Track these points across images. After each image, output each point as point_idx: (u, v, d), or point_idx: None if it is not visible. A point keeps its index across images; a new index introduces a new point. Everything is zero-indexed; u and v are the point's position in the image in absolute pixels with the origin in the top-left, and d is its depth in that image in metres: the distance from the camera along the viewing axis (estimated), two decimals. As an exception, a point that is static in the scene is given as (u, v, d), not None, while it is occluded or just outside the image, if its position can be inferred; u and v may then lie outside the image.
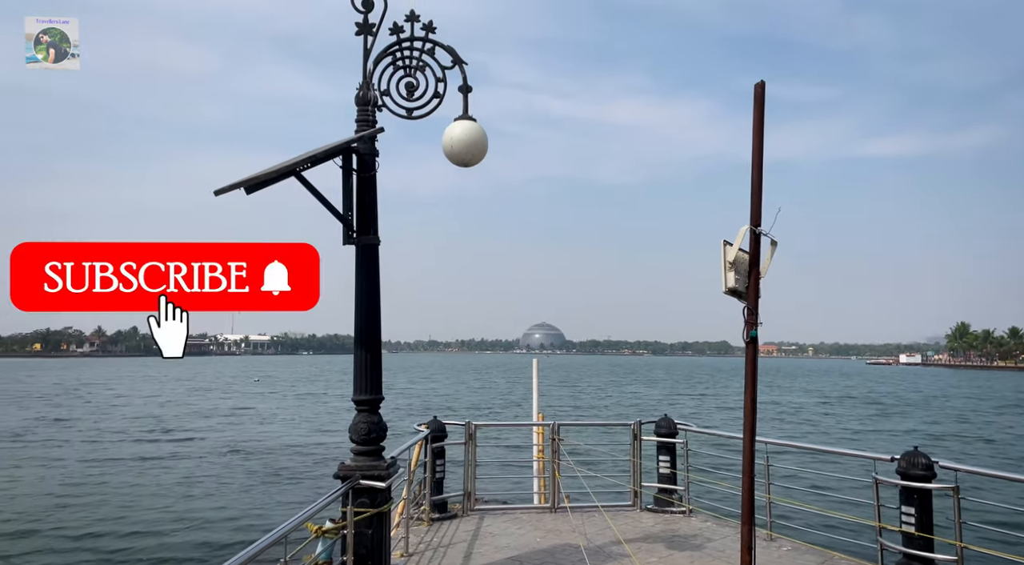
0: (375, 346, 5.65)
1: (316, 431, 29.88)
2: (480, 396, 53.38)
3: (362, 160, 5.52)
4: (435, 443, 8.25)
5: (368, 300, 5.59)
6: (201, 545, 12.23)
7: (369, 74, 5.45)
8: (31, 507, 14.89)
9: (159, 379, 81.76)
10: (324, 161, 5.31)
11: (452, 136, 5.44)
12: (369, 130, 5.43)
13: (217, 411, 39.97)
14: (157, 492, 16.34)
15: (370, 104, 5.48)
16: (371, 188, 5.62)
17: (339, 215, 5.52)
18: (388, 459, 5.54)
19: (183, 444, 24.87)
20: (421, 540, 7.16)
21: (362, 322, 5.57)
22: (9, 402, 46.53)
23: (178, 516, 14.01)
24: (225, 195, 4.77)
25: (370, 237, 5.59)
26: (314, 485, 17.73)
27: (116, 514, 14.13)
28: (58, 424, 32.22)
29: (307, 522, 4.60)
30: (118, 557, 11.37)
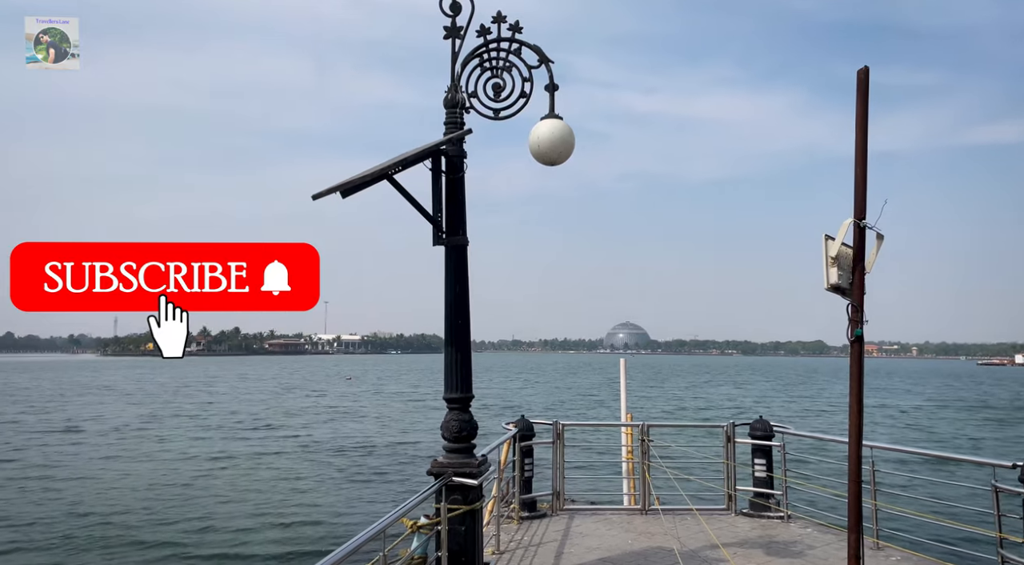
0: (465, 345, 5.72)
1: (403, 429, 30.60)
2: (564, 396, 53.23)
3: (451, 162, 5.61)
4: (523, 442, 8.27)
5: (458, 300, 5.67)
6: (297, 540, 12.71)
7: (457, 77, 5.52)
8: (139, 501, 15.78)
9: (256, 377, 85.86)
10: (415, 164, 5.43)
11: (539, 135, 5.44)
12: (458, 132, 5.50)
13: (311, 409, 41.59)
14: (255, 488, 17.02)
15: (458, 106, 5.55)
16: (460, 189, 5.69)
17: (429, 216, 5.63)
18: (479, 457, 5.60)
19: (280, 442, 25.91)
20: (511, 538, 7.19)
21: (452, 322, 5.65)
22: (121, 398, 50.05)
23: (276, 512, 14.57)
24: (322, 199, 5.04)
25: (459, 238, 5.66)
26: (402, 482, 18.17)
27: (217, 510, 14.80)
28: (165, 420, 34.32)
29: (403, 518, 4.71)
30: (221, 551, 11.88)
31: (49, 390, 59.49)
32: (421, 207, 5.55)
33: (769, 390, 64.39)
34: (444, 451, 5.55)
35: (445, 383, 5.66)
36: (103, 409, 40.80)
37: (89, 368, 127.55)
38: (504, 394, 51.97)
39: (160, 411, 39.32)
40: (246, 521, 13.85)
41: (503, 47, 5.50)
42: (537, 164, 5.63)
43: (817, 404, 47.12)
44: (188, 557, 11.62)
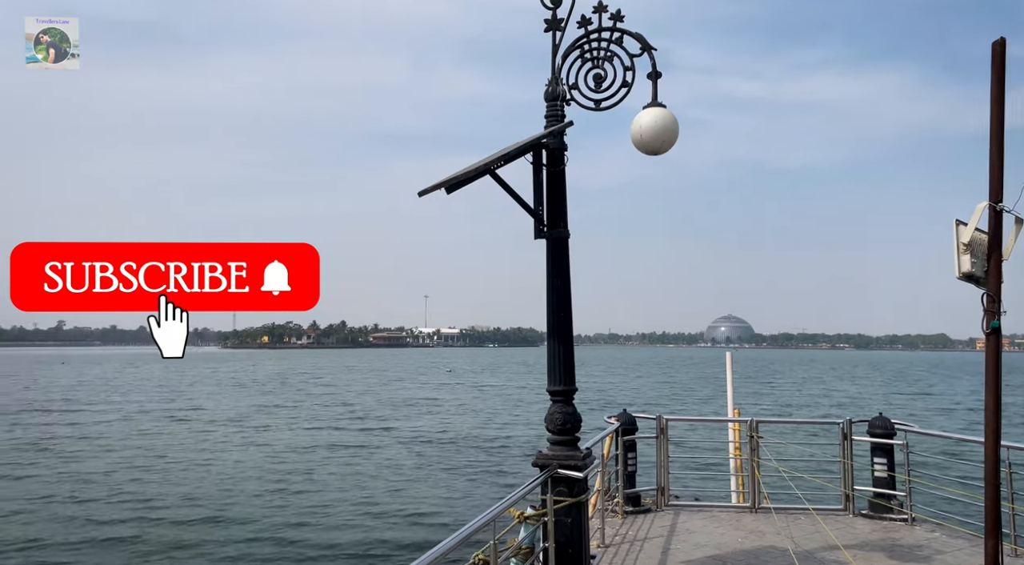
0: (567, 338, 5.72)
1: (500, 422, 30.94)
2: (663, 391, 52.27)
3: (552, 155, 5.61)
4: (626, 436, 8.20)
5: (560, 293, 5.67)
6: (399, 529, 12.98)
7: (557, 69, 5.52)
8: (247, 491, 16.35)
9: (361, 369, 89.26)
10: (516, 158, 5.47)
11: (642, 124, 5.35)
12: (558, 125, 5.50)
13: (412, 401, 42.83)
14: (360, 479, 17.41)
15: (559, 99, 5.55)
16: (560, 182, 5.69)
17: (530, 210, 5.66)
18: (584, 450, 5.59)
19: (383, 433, 26.62)
20: (616, 532, 7.15)
21: (554, 314, 5.66)
22: (233, 388, 53.30)
23: (381, 502, 14.96)
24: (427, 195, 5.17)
25: (560, 230, 5.67)
26: (501, 474, 18.40)
27: (324, 499, 15.28)
28: (272, 411, 36.15)
29: (510, 508, 4.78)
30: (328, 541, 12.15)
31: (175, 381, 64.24)
32: (523, 201, 5.59)
33: (886, 386, 60.70)
34: (548, 443, 5.58)
35: (548, 376, 5.69)
36: (221, 399, 43.56)
37: (211, 360, 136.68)
38: (601, 388, 51.65)
39: (272, 401, 41.49)
40: (351, 511, 14.24)
41: (604, 37, 5.44)
42: (637, 154, 5.54)
43: (940, 402, 43.97)
44: (296, 545, 11.94)
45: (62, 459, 20.55)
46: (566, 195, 5.71)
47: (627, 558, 6.36)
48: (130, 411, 35.22)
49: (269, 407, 37.82)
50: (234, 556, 11.42)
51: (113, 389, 52.25)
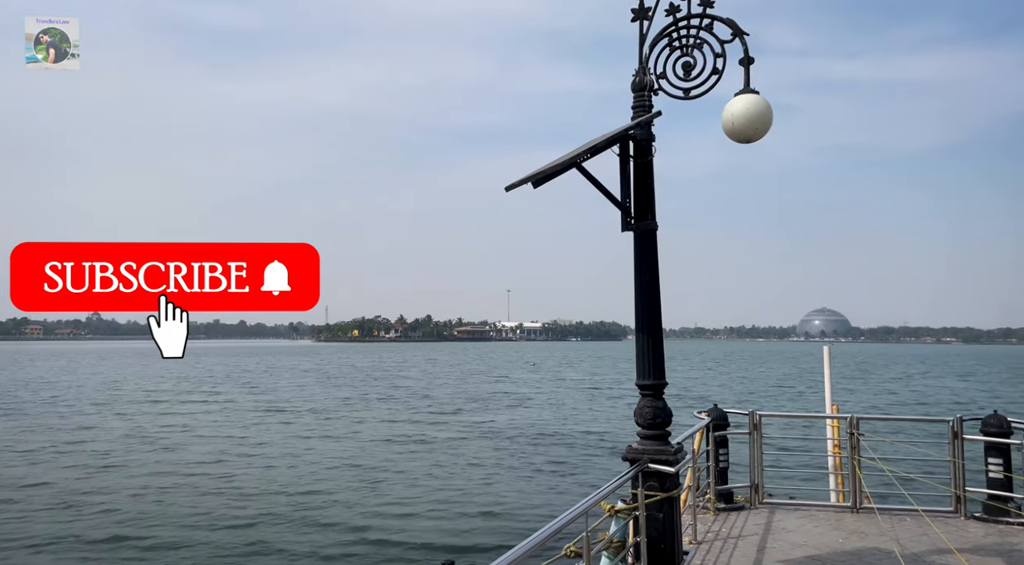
0: (656, 332, 5.66)
1: (583, 417, 30.80)
2: (752, 387, 50.65)
3: (639, 146, 5.55)
4: (717, 432, 8.03)
5: (648, 286, 5.61)
6: (481, 522, 13.01)
7: (645, 59, 5.45)
8: (331, 484, 16.46)
9: (444, 363, 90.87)
10: (603, 150, 5.44)
11: (733, 111, 5.21)
12: (646, 115, 5.43)
13: (495, 394, 43.28)
14: (441, 475, 17.31)
15: (646, 89, 5.47)
16: (648, 173, 5.62)
17: (617, 202, 5.62)
18: (675, 445, 5.52)
19: (463, 427, 26.64)
20: (708, 529, 7.02)
21: (643, 308, 5.61)
22: (320, 381, 55.31)
23: (464, 497, 14.92)
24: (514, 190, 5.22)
25: (648, 222, 5.60)
26: (586, 470, 18.33)
27: (409, 493, 15.30)
28: (355, 404, 37.17)
29: (601, 501, 4.78)
30: (418, 535, 12.14)
31: (266, 373, 67.40)
32: (610, 193, 5.55)
33: (1001, 383, 56.69)
34: (638, 438, 5.54)
35: (637, 369, 5.65)
36: (311, 391, 45.33)
37: (304, 352, 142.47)
38: (687, 384, 50.54)
39: (358, 394, 42.75)
40: (435, 504, 14.25)
41: (694, 24, 5.33)
42: (724, 143, 5.41)
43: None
44: (381, 539, 11.88)
45: (161, 449, 21.65)
46: (654, 186, 5.64)
47: (721, 555, 6.23)
48: (223, 402, 37.11)
49: (353, 399, 38.81)
50: (318, 550, 11.43)
51: (213, 381, 55.32)
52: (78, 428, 26.34)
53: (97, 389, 46.11)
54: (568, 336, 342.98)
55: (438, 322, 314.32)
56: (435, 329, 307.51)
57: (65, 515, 13.57)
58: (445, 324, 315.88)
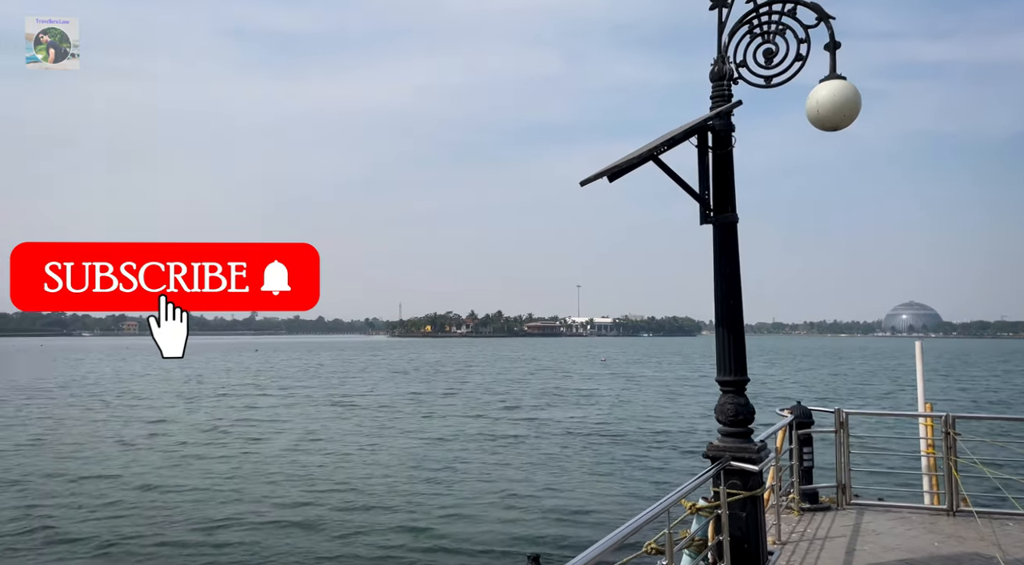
0: (738, 327, 5.53)
1: (655, 413, 30.39)
2: (834, 383, 48.74)
3: (718, 136, 5.43)
4: (801, 430, 7.79)
5: (729, 280, 5.49)
6: (554, 519, 12.90)
7: (724, 47, 5.32)
8: (399, 480, 16.50)
9: (515, 358, 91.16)
10: (681, 142, 5.35)
11: (818, 98, 5.03)
12: (726, 105, 5.30)
13: (564, 391, 43.14)
14: (512, 473, 17.14)
15: (725, 78, 5.35)
16: (728, 165, 5.49)
17: (696, 195, 5.52)
18: (758, 442, 5.39)
19: (533, 424, 26.36)
20: (793, 529, 6.82)
21: (724, 302, 5.49)
22: (393, 376, 56.37)
23: (536, 495, 14.77)
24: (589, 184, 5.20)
25: (728, 215, 5.48)
26: (658, 467, 18.07)
27: (479, 490, 15.19)
28: (425, 399, 37.50)
29: (682, 499, 4.71)
30: (500, 535, 12.02)
31: (340, 367, 69.33)
32: (688, 186, 5.46)
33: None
34: (719, 435, 5.44)
35: (718, 365, 5.54)
36: (380, 386, 46.29)
37: (377, 348, 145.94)
38: (764, 380, 49.12)
39: (426, 389, 43.18)
40: (508, 503, 14.14)
41: (776, 9, 5.17)
42: (803, 132, 5.23)
43: None
44: (452, 538, 11.79)
45: (232, 442, 22.34)
46: (734, 178, 5.51)
47: (807, 556, 6.05)
48: (300, 396, 38.23)
49: (423, 394, 39.16)
50: (395, 547, 11.38)
51: (287, 375, 57.29)
52: (156, 421, 27.51)
53: (182, 382, 48.64)
54: (640, 332, 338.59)
55: (508, 318, 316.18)
56: (505, 325, 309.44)
57: (145, 508, 13.96)
58: (515, 320, 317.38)
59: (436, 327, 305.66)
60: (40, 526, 12.68)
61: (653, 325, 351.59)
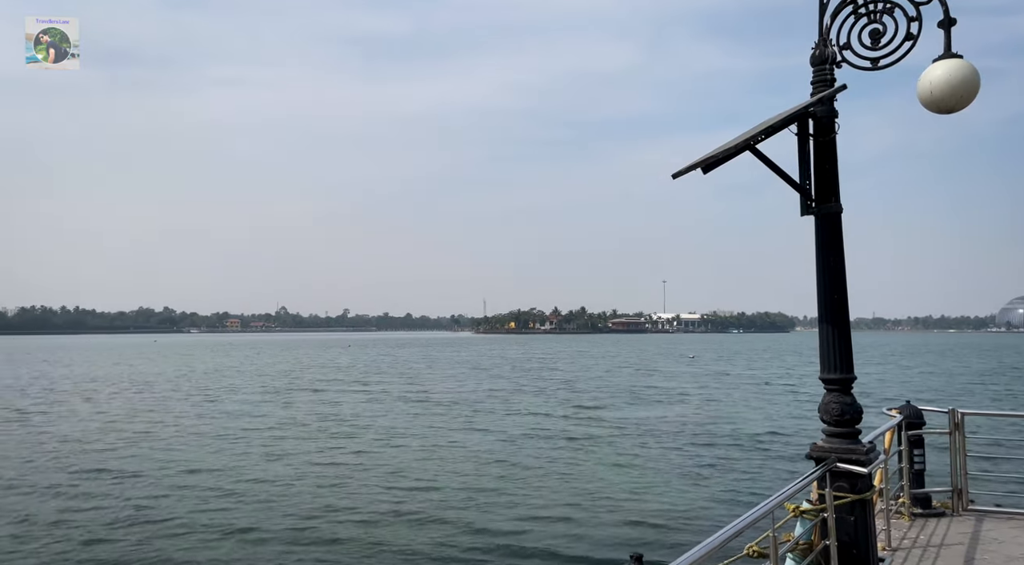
0: (843, 322, 5.29)
1: (747, 414, 29.42)
2: (943, 382, 45.75)
3: (820, 123, 5.20)
4: (911, 431, 7.37)
5: (833, 273, 5.26)
6: (656, 522, 12.69)
7: (826, 29, 5.08)
8: (488, 477, 16.51)
9: (596, 355, 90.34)
10: (780, 130, 5.14)
11: (932, 79, 4.72)
12: (829, 90, 5.07)
13: (651, 388, 42.40)
14: (595, 474, 16.90)
15: (827, 62, 5.11)
16: (831, 152, 5.26)
17: (796, 185, 5.31)
18: (867, 444, 5.13)
19: (625, 424, 25.96)
20: (904, 535, 6.47)
21: (827, 297, 5.27)
22: (472, 372, 56.83)
23: (634, 495, 14.58)
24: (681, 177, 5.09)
25: (831, 205, 5.25)
26: (755, 468, 17.51)
27: (573, 492, 14.90)
28: (504, 396, 37.61)
29: (786, 502, 4.55)
30: (596, 536, 11.80)
31: (423, 362, 70.67)
32: (788, 176, 5.26)
33: None
34: (824, 435, 5.22)
35: (822, 362, 5.32)
36: (462, 383, 46.77)
37: (460, 344, 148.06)
38: (863, 379, 46.63)
39: (506, 386, 43.18)
40: (597, 504, 13.88)
41: (883, -13, 4.89)
42: (909, 116, 5.00)
43: None
44: (561, 538, 11.65)
45: (314, 436, 23.11)
46: (837, 166, 5.28)
47: (921, 564, 5.72)
48: (376, 392, 39.06)
49: (502, 392, 39.02)
50: (482, 549, 11.30)
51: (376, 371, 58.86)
52: (251, 416, 28.85)
53: (274, 376, 50.90)
54: (729, 328, 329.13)
55: (592, 314, 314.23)
56: (589, 321, 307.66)
57: (227, 502, 14.43)
58: (599, 316, 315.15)
59: (520, 324, 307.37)
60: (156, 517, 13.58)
61: (743, 321, 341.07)
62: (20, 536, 12.03)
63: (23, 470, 17.67)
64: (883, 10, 4.92)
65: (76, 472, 17.36)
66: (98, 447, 21.02)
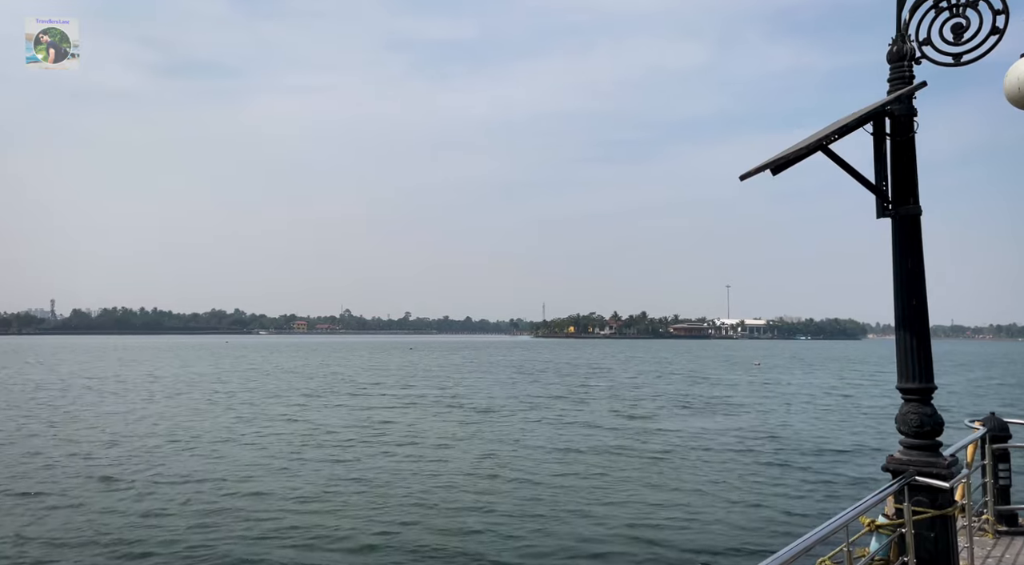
0: (922, 329, 5.07)
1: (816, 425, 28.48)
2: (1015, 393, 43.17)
3: (897, 122, 5.01)
4: (996, 444, 6.99)
5: (911, 277, 5.05)
6: (720, 534, 12.45)
7: (905, 24, 4.89)
8: (549, 489, 16.16)
9: (654, 360, 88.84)
10: (855, 129, 4.97)
11: (1020, 74, 4.50)
12: (908, 87, 4.87)
13: (710, 397, 41.39)
14: (664, 482, 16.54)
15: (906, 58, 4.91)
16: (909, 152, 5.06)
17: (871, 186, 5.12)
18: (948, 457, 4.89)
19: (683, 434, 25.24)
20: (988, 554, 6.14)
21: (905, 302, 5.06)
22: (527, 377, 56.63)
23: (695, 507, 14.18)
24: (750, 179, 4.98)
25: (910, 207, 5.04)
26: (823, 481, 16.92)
27: (633, 501, 14.60)
28: (538, 402, 37.23)
29: (861, 515, 4.38)
30: (658, 548, 11.56)
31: (463, 368, 70.83)
32: (863, 177, 5.09)
33: None
34: (902, 447, 5.00)
35: (899, 371, 5.10)
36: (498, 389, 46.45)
37: (522, 347, 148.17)
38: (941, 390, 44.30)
39: (543, 392, 42.37)
40: (666, 514, 13.66)
41: (967, -21, 4.67)
42: (988, 114, 4.72)
43: None
44: (617, 551, 11.48)
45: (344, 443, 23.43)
46: (916, 166, 5.07)
47: (1007, 587, 5.42)
48: (414, 396, 38.77)
49: (539, 398, 37.99)
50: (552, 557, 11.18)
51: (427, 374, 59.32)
52: (286, 420, 28.89)
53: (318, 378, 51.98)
54: (796, 334, 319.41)
55: (653, 319, 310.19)
56: (650, 326, 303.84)
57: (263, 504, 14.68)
58: (661, 321, 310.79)
59: (579, 328, 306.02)
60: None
61: (812, 327, 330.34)
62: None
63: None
64: (966, 3, 4.70)
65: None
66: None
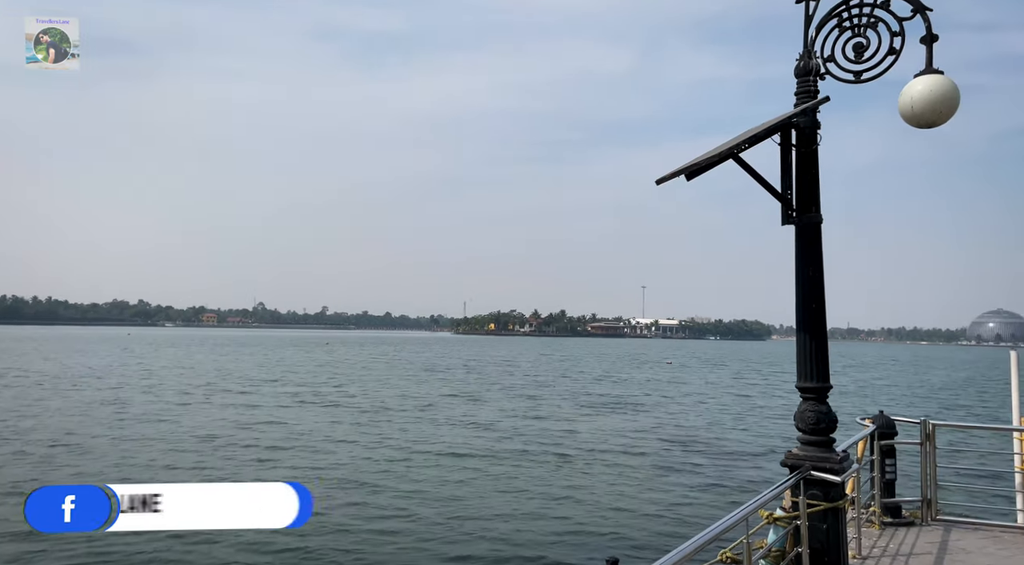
0: (820, 332, 5.35)
1: (721, 420, 29.64)
2: (915, 393, 46.47)
3: (802, 134, 5.26)
4: (883, 440, 7.46)
5: (812, 283, 5.32)
6: (632, 527, 12.68)
7: (811, 41, 5.13)
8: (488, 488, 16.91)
9: (563, 358, 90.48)
10: (764, 139, 5.19)
11: (912, 94, 4.79)
12: (812, 101, 5.12)
13: (625, 394, 42.51)
14: (580, 478, 16.87)
15: (811, 74, 5.16)
16: (812, 163, 5.32)
17: (777, 194, 5.36)
18: (840, 452, 5.19)
19: (601, 430, 25.98)
20: (874, 544, 6.54)
21: (805, 306, 5.32)
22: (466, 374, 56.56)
23: (609, 500, 14.45)
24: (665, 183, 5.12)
25: (812, 215, 5.30)
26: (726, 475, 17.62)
27: (543, 496, 14.81)
28: (472, 399, 37.58)
29: (760, 509, 4.58)
30: (571, 542, 11.72)
31: (414, 363, 70.39)
32: (770, 185, 5.31)
33: None
34: (799, 443, 5.26)
35: (798, 371, 5.36)
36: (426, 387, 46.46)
37: (440, 343, 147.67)
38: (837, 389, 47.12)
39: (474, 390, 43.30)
40: (576, 509, 13.82)
41: (868, 1, 4.95)
42: (890, 131, 5.04)
43: None
44: (534, 545, 11.67)
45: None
46: (818, 177, 5.34)
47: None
48: (288, 394, 38.93)
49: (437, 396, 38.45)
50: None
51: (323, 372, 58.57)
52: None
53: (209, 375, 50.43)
54: (706, 334, 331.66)
55: (572, 317, 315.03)
56: (568, 324, 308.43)
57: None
58: (579, 319, 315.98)
59: (500, 325, 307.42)
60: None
61: (720, 328, 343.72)
62: None
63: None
64: (867, 24, 4.98)
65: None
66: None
